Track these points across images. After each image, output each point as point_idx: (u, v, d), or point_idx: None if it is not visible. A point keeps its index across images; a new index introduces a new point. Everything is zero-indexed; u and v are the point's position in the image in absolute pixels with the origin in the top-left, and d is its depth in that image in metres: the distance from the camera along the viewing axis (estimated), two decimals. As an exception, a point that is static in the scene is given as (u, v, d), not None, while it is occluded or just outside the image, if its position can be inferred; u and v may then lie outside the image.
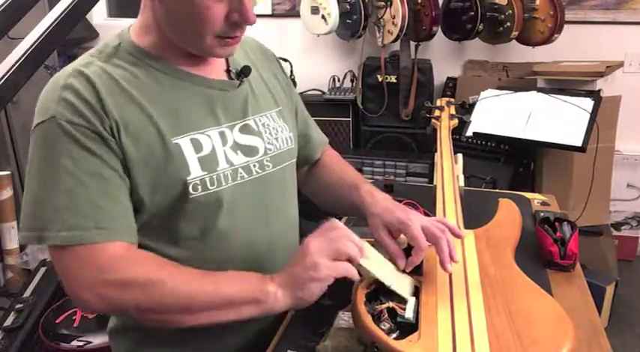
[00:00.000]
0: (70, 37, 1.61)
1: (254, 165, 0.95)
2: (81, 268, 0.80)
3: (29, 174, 0.83)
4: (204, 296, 0.81)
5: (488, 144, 2.57)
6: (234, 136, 0.94)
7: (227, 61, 0.98)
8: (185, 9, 0.81)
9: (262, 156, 0.96)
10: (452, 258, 0.90)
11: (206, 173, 0.88)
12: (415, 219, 0.93)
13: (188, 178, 0.86)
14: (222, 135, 0.92)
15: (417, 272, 0.93)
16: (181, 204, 0.87)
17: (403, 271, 0.92)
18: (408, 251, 0.93)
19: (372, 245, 0.89)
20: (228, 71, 0.98)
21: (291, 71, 3.10)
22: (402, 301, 0.86)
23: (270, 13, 3.33)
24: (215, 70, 0.95)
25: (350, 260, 0.83)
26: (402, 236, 0.95)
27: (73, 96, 0.81)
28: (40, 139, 0.82)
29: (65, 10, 1.47)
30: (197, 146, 0.88)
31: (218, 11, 0.82)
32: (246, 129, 0.95)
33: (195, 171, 0.87)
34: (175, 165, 0.85)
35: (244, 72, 0.97)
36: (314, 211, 1.19)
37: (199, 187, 0.87)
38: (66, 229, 0.79)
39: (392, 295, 0.87)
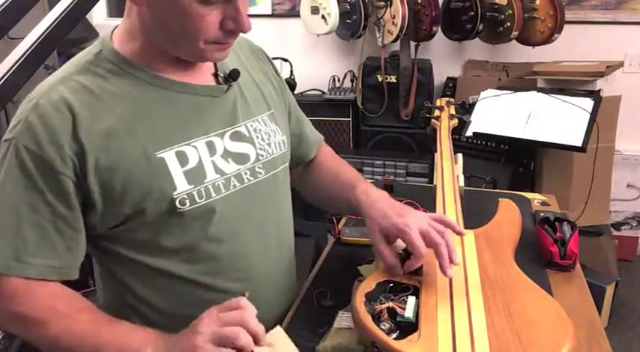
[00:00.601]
0: (70, 37, 1.60)
1: (245, 173, 0.92)
2: None
3: None
4: (84, 348, 0.80)
5: (489, 144, 2.56)
6: (225, 144, 0.91)
7: (215, 64, 0.94)
8: (175, 14, 0.78)
9: (254, 164, 0.94)
10: (451, 261, 0.89)
11: (193, 186, 0.85)
12: (413, 224, 0.91)
13: (174, 193, 0.84)
14: (209, 144, 0.89)
15: (416, 272, 0.92)
16: (170, 218, 0.85)
17: None
18: (407, 251, 0.93)
19: (372, 250, 0.88)
20: (216, 75, 0.94)
21: (291, 71, 3.09)
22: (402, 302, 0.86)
23: (270, 13, 3.32)
24: (202, 75, 0.92)
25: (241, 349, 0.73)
26: (398, 240, 0.94)
27: (37, 121, 0.80)
28: (0, 155, 0.82)
29: (65, 10, 1.47)
30: (182, 159, 0.85)
31: (212, 19, 0.79)
32: (237, 136, 0.93)
33: (182, 186, 0.84)
34: (160, 181, 0.83)
35: (233, 75, 0.93)
36: (311, 210, 1.19)
37: (187, 201, 0.85)
38: None
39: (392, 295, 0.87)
